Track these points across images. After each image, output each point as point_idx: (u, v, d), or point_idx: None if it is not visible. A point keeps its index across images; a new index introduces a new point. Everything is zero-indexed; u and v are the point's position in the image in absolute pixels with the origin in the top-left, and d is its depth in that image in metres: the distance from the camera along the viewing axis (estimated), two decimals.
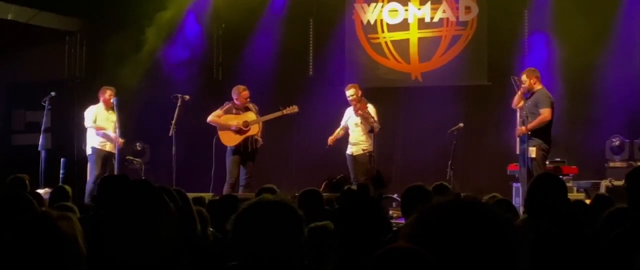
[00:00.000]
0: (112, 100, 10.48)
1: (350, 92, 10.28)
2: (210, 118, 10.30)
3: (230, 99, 10.34)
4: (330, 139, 10.42)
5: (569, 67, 11.23)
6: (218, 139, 10.31)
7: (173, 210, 2.56)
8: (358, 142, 10.25)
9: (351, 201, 3.53)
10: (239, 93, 10.23)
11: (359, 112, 10.06)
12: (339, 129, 10.48)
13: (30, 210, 3.16)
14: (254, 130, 10.19)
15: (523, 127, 8.97)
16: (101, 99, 10.62)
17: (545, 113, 8.98)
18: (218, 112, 10.28)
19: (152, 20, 12.06)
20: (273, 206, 2.50)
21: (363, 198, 3.69)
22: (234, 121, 10.17)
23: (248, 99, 10.27)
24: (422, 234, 1.54)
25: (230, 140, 10.20)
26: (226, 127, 10.19)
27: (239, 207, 2.51)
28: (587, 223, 4.28)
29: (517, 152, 9.22)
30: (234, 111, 10.25)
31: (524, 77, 9.20)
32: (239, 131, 10.15)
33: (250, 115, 10.22)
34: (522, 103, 9.10)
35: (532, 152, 8.93)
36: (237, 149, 10.17)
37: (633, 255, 3.17)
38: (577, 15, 11.08)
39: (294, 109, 10.31)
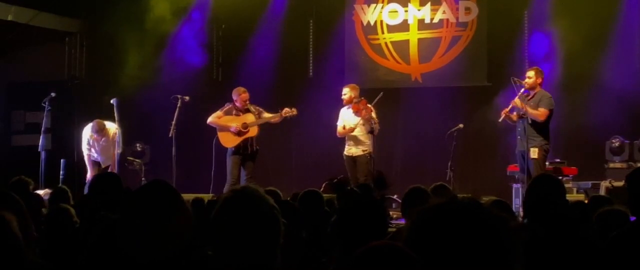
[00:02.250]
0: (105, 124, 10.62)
1: (343, 91, 10.29)
2: (210, 119, 10.30)
3: (231, 100, 10.35)
4: (348, 130, 10.28)
5: (569, 67, 11.24)
6: (217, 140, 10.32)
7: (189, 209, 2.60)
8: (359, 143, 10.24)
9: (354, 202, 3.53)
10: (239, 95, 10.24)
11: (365, 115, 10.00)
12: (342, 128, 10.40)
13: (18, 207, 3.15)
14: (253, 131, 10.20)
15: (518, 100, 8.96)
16: None
17: (542, 112, 8.97)
18: (218, 113, 10.30)
19: (151, 21, 12.06)
20: (243, 198, 2.45)
21: (366, 199, 3.68)
22: (234, 123, 10.18)
23: (248, 101, 10.28)
24: (420, 235, 1.54)
25: (229, 141, 10.21)
26: (225, 129, 10.21)
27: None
28: (585, 224, 4.27)
29: (517, 149, 9.19)
30: (234, 112, 10.26)
31: (532, 74, 9.17)
32: (238, 133, 10.16)
33: (250, 117, 10.22)
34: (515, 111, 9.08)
35: (534, 152, 8.92)
36: (236, 150, 10.18)
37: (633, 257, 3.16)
38: (576, 16, 11.09)
39: (293, 111, 10.29)
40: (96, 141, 10.71)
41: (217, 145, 10.35)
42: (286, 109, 10.20)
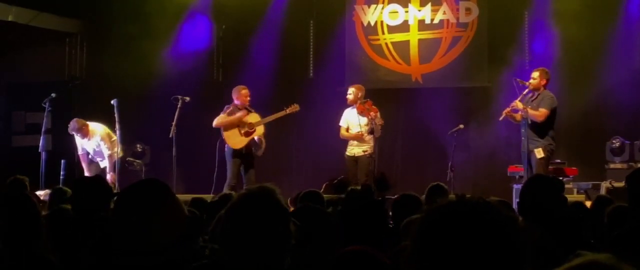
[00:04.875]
0: (93, 127, 10.75)
1: (349, 91, 10.30)
2: (216, 122, 10.17)
3: (230, 101, 10.31)
4: (353, 136, 10.28)
5: (569, 68, 11.25)
6: (221, 142, 10.24)
7: (180, 205, 2.61)
8: (361, 143, 10.24)
9: (356, 202, 3.54)
10: (239, 92, 10.19)
11: (373, 116, 9.98)
12: (345, 131, 10.40)
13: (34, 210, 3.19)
14: (260, 131, 10.16)
15: (519, 102, 8.94)
16: None
17: (542, 112, 8.95)
18: (222, 116, 10.20)
19: (152, 22, 12.06)
20: (257, 199, 2.44)
21: (368, 200, 3.68)
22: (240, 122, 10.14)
23: (248, 98, 10.22)
24: (428, 235, 1.54)
25: (236, 142, 10.12)
26: (234, 125, 10.09)
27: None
28: (586, 225, 4.27)
29: (522, 149, 9.16)
30: (236, 113, 10.20)
31: (536, 74, 9.15)
32: (245, 133, 10.12)
33: (255, 117, 10.19)
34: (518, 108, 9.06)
35: (540, 152, 8.91)
36: (238, 152, 10.12)
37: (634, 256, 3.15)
38: (577, 16, 11.09)
39: (295, 107, 10.28)
40: (82, 139, 10.76)
41: (220, 147, 10.29)
42: (288, 108, 10.22)
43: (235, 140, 10.12)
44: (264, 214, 2.38)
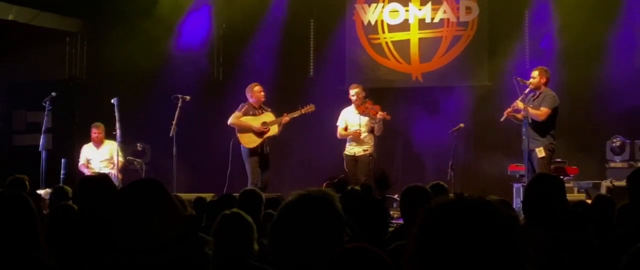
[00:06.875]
0: (102, 136, 10.96)
1: (354, 91, 10.24)
2: (230, 120, 10.11)
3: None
4: (351, 133, 10.26)
5: (570, 67, 11.24)
6: (235, 141, 10.19)
7: (177, 205, 2.61)
8: (362, 142, 10.21)
9: (356, 201, 3.53)
10: (252, 90, 10.16)
11: (381, 116, 9.94)
12: (343, 130, 10.39)
13: (29, 210, 3.18)
14: (274, 130, 10.13)
15: (520, 103, 8.94)
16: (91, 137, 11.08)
17: (544, 111, 8.97)
18: (237, 114, 10.15)
19: (152, 21, 12.07)
20: (314, 202, 2.36)
21: (368, 198, 3.68)
22: (254, 123, 10.11)
23: (262, 94, 10.19)
24: (427, 235, 1.53)
25: (250, 142, 10.09)
26: (248, 129, 10.08)
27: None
28: (588, 224, 4.27)
29: (523, 148, 9.16)
30: (251, 112, 10.17)
31: (536, 73, 9.16)
32: (259, 133, 10.10)
33: (269, 116, 10.17)
34: (518, 107, 9.06)
35: (541, 151, 8.92)
36: (254, 150, 10.08)
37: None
38: (577, 16, 11.09)
39: (311, 107, 10.26)
40: (95, 141, 10.80)
41: (235, 145, 10.25)
42: (304, 108, 10.20)
43: (248, 139, 10.09)
44: (322, 219, 2.30)
